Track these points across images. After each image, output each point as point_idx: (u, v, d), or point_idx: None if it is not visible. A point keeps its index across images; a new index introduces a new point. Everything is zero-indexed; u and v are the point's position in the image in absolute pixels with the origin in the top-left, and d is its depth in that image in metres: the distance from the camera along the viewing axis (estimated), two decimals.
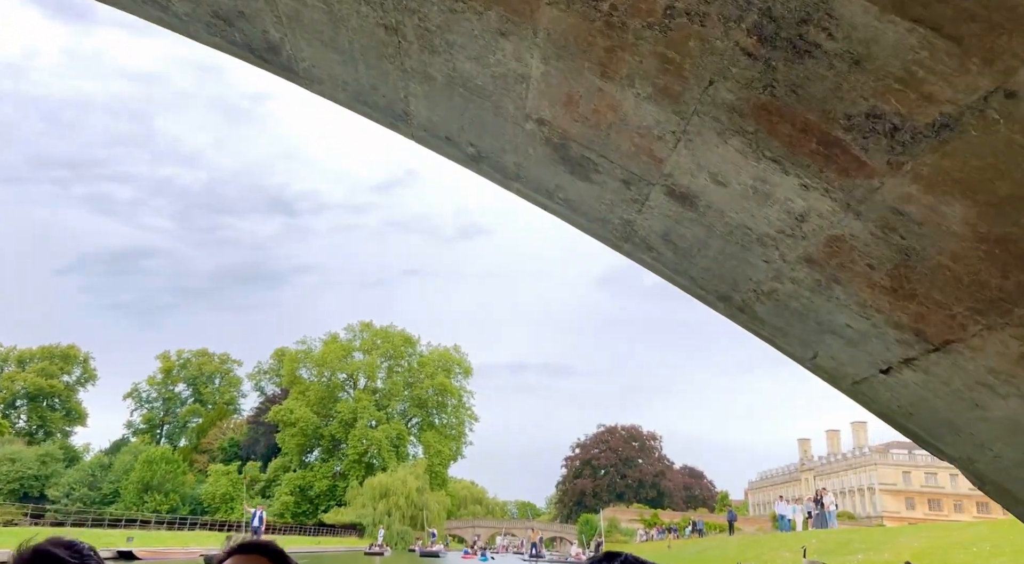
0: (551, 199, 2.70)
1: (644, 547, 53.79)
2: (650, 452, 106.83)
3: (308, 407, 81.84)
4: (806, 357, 2.61)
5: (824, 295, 2.20)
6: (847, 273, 2.05)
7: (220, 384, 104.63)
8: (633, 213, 2.44)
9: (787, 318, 2.46)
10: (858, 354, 2.36)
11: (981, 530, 15.81)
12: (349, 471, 79.14)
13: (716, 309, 2.75)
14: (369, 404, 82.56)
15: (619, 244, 2.73)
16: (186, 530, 41.64)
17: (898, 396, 2.42)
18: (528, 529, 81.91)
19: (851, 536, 21.74)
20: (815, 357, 2.57)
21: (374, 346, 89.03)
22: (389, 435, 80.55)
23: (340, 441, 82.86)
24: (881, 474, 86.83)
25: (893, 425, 2.65)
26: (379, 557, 44.49)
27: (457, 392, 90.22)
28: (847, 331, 2.29)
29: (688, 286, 2.73)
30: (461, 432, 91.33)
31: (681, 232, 2.38)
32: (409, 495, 68.89)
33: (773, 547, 24.12)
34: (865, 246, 1.91)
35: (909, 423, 2.55)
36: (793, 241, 2.07)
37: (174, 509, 70.36)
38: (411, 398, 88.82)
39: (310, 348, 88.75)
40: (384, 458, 78.46)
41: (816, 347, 2.51)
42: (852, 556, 16.84)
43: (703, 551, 32.24)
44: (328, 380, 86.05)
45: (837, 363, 2.51)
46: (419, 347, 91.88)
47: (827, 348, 2.46)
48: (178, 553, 28.69)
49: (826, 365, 2.57)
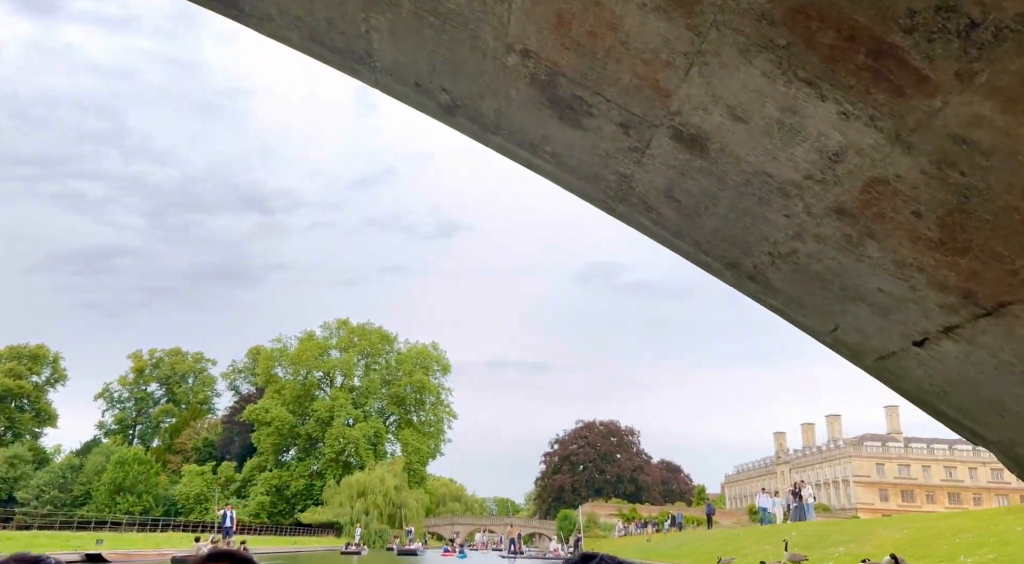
0: (536, 154, 2.37)
1: (623, 541, 53.85)
2: (628, 447, 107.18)
3: (284, 406, 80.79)
4: (825, 330, 2.32)
5: (854, 254, 1.91)
6: (886, 224, 1.75)
7: (194, 383, 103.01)
8: (631, 165, 2.12)
9: (806, 285, 2.16)
10: (888, 324, 2.07)
11: (961, 521, 15.82)
12: (326, 470, 78.29)
13: (722, 278, 2.44)
14: (346, 402, 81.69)
15: (613, 206, 2.41)
16: (158, 532, 40.79)
17: (932, 372, 2.13)
18: (507, 526, 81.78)
19: (830, 528, 21.74)
20: (835, 330, 2.28)
21: (351, 344, 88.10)
22: (366, 433, 79.77)
23: (317, 440, 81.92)
24: (855, 466, 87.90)
25: (921, 406, 2.37)
26: (356, 556, 43.93)
27: (435, 389, 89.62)
28: (877, 297, 2.00)
29: (691, 252, 2.43)
30: (439, 429, 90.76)
31: (687, 186, 2.07)
32: (387, 493, 68.29)
33: (753, 540, 24.09)
34: (913, 189, 1.62)
35: (941, 404, 2.27)
36: (823, 188, 1.77)
37: (147, 510, 69.10)
38: (389, 396, 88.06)
39: (285, 346, 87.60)
40: (362, 456, 77.70)
41: (838, 318, 2.21)
42: (833, 549, 16.77)
43: (683, 545, 32.21)
44: (304, 378, 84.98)
45: (861, 336, 2.22)
46: (397, 344, 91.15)
47: (851, 319, 2.17)
48: (149, 555, 27.98)
49: (848, 339, 2.28)
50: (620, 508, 78.25)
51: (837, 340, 2.32)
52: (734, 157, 1.86)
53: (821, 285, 2.12)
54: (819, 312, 2.26)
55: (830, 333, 2.31)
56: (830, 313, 2.22)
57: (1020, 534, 11.48)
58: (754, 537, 25.42)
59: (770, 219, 2.00)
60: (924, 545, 13.43)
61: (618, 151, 2.09)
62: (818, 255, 2.00)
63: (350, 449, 78.98)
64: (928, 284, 1.84)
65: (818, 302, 2.21)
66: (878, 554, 13.42)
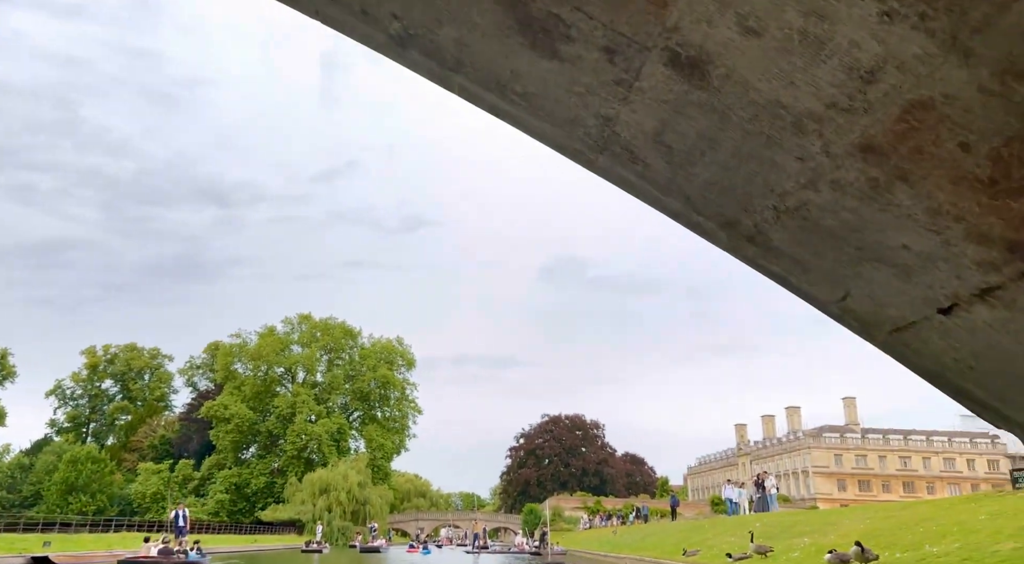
0: (504, 96, 2.05)
1: (589, 534, 54.00)
2: (593, 440, 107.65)
3: (243, 402, 79.14)
4: (832, 299, 2.04)
5: (878, 203, 1.63)
6: (923, 163, 1.47)
7: (150, 380, 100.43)
8: (616, 104, 1.81)
9: (815, 245, 1.88)
10: (910, 289, 1.80)
11: (924, 510, 15.98)
12: (287, 467, 76.95)
13: (715, 241, 2.15)
14: (308, 398, 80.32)
15: (592, 158, 2.10)
16: (111, 532, 39.51)
17: (958, 344, 1.87)
18: (472, 521, 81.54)
19: (794, 519, 21.89)
20: (844, 298, 2.01)
21: (313, 339, 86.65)
22: (329, 430, 78.58)
23: (278, 437, 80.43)
24: (814, 457, 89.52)
25: (939, 383, 2.11)
26: (317, 555, 43.21)
27: (400, 384, 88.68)
28: (901, 256, 1.72)
29: (681, 211, 2.13)
30: (404, 425, 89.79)
31: (681, 127, 1.77)
32: (350, 490, 67.37)
33: (718, 532, 24.17)
34: (965, 113, 1.33)
35: (964, 381, 2.01)
36: (849, 119, 1.48)
37: (101, 510, 67.13)
38: (352, 391, 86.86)
39: (245, 341, 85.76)
40: (324, 453, 76.55)
41: (849, 284, 1.94)
42: (798, 539, 16.82)
43: (648, 537, 32.30)
44: (265, 374, 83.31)
45: (876, 305, 1.95)
46: (361, 339, 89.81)
47: (865, 284, 1.90)
48: (100, 556, 27.01)
49: (859, 308, 2.01)
50: (585, 501, 78.56)
51: (846, 310, 2.05)
52: (741, 85, 1.56)
53: (833, 244, 1.83)
54: (828, 277, 1.98)
55: (838, 302, 2.03)
56: (841, 278, 1.95)
57: (984, 522, 11.56)
58: (719, 528, 25.54)
59: (779, 164, 1.71)
60: (888, 535, 13.48)
61: (601, 86, 1.78)
62: (833, 207, 1.72)
63: (312, 446, 77.79)
64: (966, 236, 1.56)
65: (827, 266, 1.94)
66: (843, 544, 13.44)
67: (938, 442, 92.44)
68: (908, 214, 1.60)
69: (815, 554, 14.27)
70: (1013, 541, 9.52)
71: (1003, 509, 12.31)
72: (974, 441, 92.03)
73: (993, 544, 9.74)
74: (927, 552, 10.76)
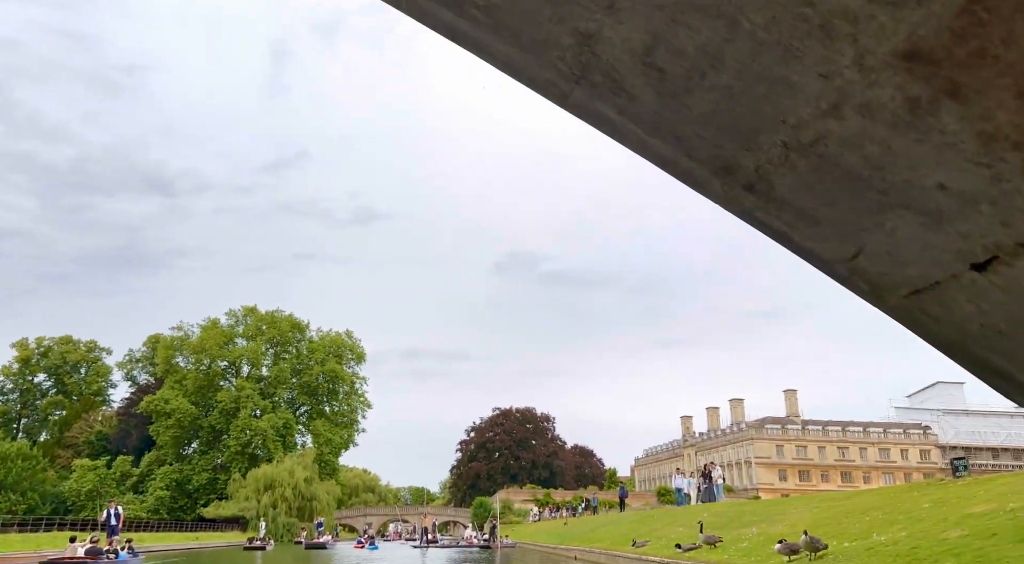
0: (462, 11, 1.71)
1: (538, 526, 54.10)
2: (544, 433, 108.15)
3: (185, 397, 76.92)
4: (841, 257, 1.77)
5: (916, 130, 1.35)
6: (985, 70, 1.20)
7: (87, 374, 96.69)
8: (599, 13, 1.50)
9: (829, 190, 1.60)
10: (940, 240, 1.54)
11: (868, 499, 16.27)
12: (231, 463, 75.07)
13: (707, 192, 1.86)
14: (253, 393, 78.47)
15: (567, 90, 1.78)
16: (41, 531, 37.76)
17: (989, 306, 1.61)
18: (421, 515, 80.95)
19: (741, 509, 22.16)
20: (856, 256, 1.74)
21: (259, 332, 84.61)
22: (275, 424, 76.94)
23: (221, 432, 78.41)
24: (757, 448, 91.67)
25: (956, 353, 1.87)
26: (260, 552, 42.15)
27: (349, 378, 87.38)
28: (935, 199, 1.45)
29: (669, 155, 1.82)
30: (353, 419, 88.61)
31: (678, 40, 1.47)
32: (296, 486, 66.09)
33: (666, 522, 24.32)
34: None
35: (990, 350, 1.77)
36: (894, 15, 1.19)
37: (32, 509, 64.40)
38: (299, 386, 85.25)
39: (187, 335, 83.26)
40: (270, 448, 74.90)
41: (865, 238, 1.67)
42: (746, 529, 16.95)
43: (599, 528, 32.40)
44: (208, 368, 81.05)
45: (893, 262, 1.68)
46: (309, 333, 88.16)
47: (884, 237, 1.63)
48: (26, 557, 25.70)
49: (872, 267, 1.74)
50: (535, 493, 78.85)
51: (856, 270, 1.78)
52: None
53: (852, 188, 1.56)
54: (839, 231, 1.70)
55: (848, 261, 1.77)
56: (855, 231, 1.67)
57: (928, 511, 11.75)
58: (667, 519, 25.72)
59: (795, 85, 1.42)
60: (835, 524, 13.64)
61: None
62: (858, 139, 1.44)
63: (257, 441, 76.10)
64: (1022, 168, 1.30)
65: (840, 216, 1.66)
66: (791, 533, 13.53)
67: (874, 433, 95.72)
68: (952, 143, 1.33)
69: (763, 544, 14.37)
70: (959, 529, 9.65)
71: (946, 497, 12.55)
72: (908, 432, 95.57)
73: (940, 532, 9.87)
74: (875, 541, 10.86)
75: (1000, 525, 9.00)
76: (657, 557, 18.29)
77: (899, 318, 1.83)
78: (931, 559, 8.69)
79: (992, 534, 8.68)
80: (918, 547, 9.46)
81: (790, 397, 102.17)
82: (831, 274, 1.85)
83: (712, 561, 14.77)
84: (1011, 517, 9.20)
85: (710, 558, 15.18)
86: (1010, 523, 8.92)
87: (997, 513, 9.72)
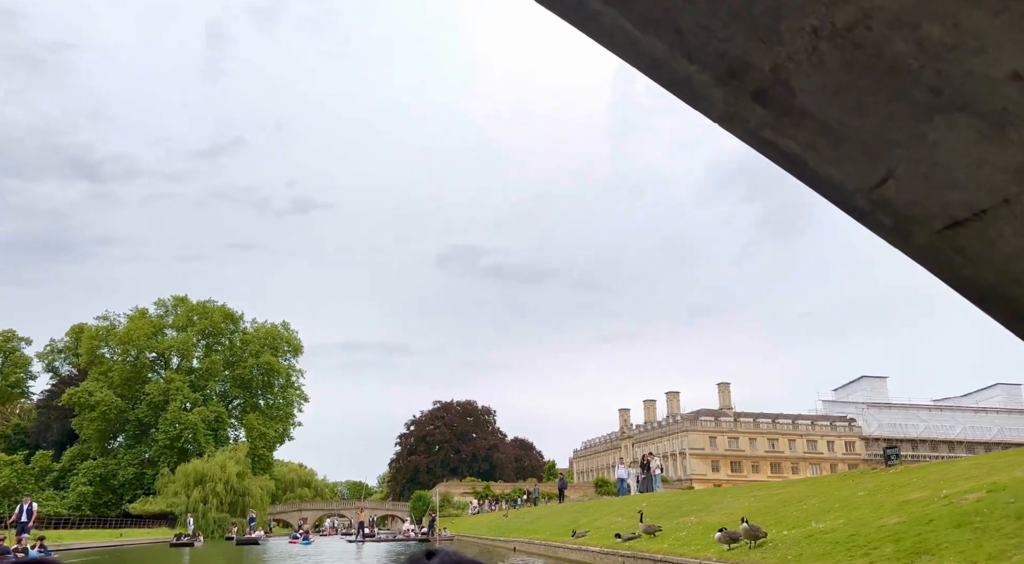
0: None
1: (478, 519, 53.92)
2: (484, 426, 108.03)
3: (111, 389, 73.63)
4: (864, 185, 1.49)
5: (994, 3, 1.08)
6: None
7: (3, 364, 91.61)
8: None
9: (864, 91, 1.32)
10: (998, 153, 1.27)
11: (803, 488, 16.56)
12: (159, 457, 72.33)
13: (705, 106, 1.55)
14: (183, 385, 75.72)
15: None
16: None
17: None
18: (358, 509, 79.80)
19: (680, 498, 22.36)
20: (884, 182, 1.46)
21: (190, 322, 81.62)
22: (206, 418, 74.45)
23: (149, 425, 75.46)
24: (691, 439, 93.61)
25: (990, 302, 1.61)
26: (188, 548, 40.66)
27: (285, 371, 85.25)
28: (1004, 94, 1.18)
29: (663, 56, 1.51)
30: (289, 413, 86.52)
31: None
32: (228, 481, 64.10)
33: (606, 512, 24.39)
34: None
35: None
36: None
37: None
38: (232, 378, 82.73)
39: (114, 325, 79.68)
40: (200, 442, 72.44)
41: (899, 157, 1.39)
42: (685, 518, 17.04)
43: (538, 519, 32.37)
44: (135, 359, 77.75)
45: (931, 185, 1.41)
46: (243, 324, 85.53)
47: (924, 154, 1.35)
48: None
49: (902, 196, 1.47)
50: (474, 486, 78.70)
51: (880, 202, 1.50)
52: None
53: (894, 88, 1.28)
54: (869, 148, 1.42)
55: (872, 190, 1.49)
56: (887, 150, 1.39)
57: (864, 499, 11.95)
58: (606, 509, 25.81)
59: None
60: (773, 513, 13.77)
61: None
62: (914, 14, 1.16)
63: (187, 435, 73.51)
64: None
65: (873, 128, 1.38)
66: (729, 522, 13.60)
67: (803, 425, 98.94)
68: None
69: (703, 532, 14.43)
70: (896, 516, 9.79)
71: (881, 485, 12.81)
72: (834, 424, 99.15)
73: (877, 519, 10.00)
74: (814, 528, 10.96)
75: (936, 511, 9.16)
76: (597, 547, 18.25)
77: (924, 260, 1.57)
78: (870, 545, 8.77)
79: (929, 520, 8.81)
80: (857, 534, 9.55)
81: (723, 390, 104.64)
82: (849, 208, 1.57)
83: (652, 550, 14.75)
84: (946, 503, 9.39)
85: (650, 547, 15.16)
86: (946, 509, 9.08)
87: (932, 500, 9.92)
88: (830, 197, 1.58)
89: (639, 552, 15.35)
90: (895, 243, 1.57)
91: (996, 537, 7.27)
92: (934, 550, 7.67)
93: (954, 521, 8.38)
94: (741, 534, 12.03)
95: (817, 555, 9.49)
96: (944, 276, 1.57)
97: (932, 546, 7.78)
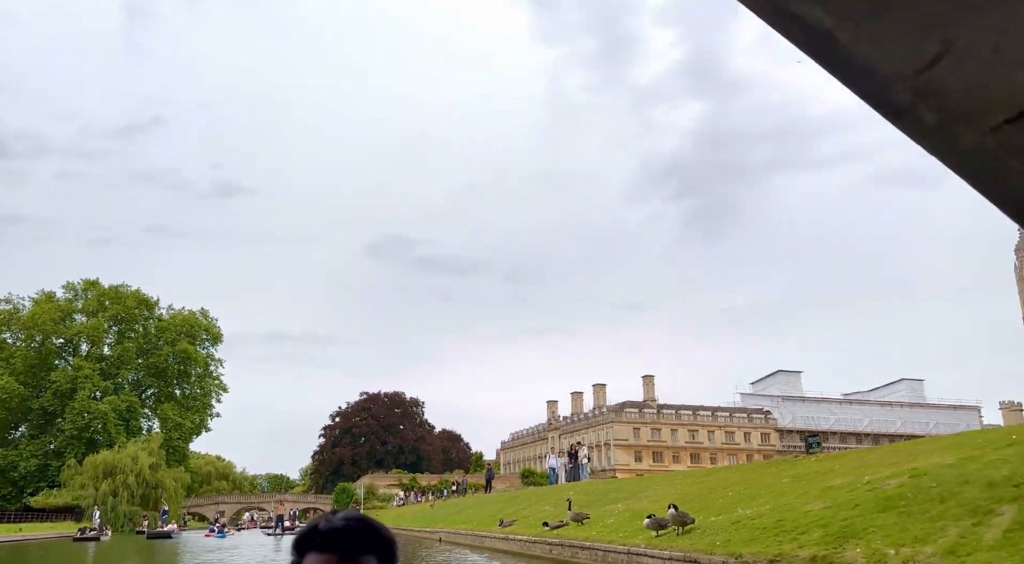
0: None
1: (404, 510, 53.28)
2: (412, 418, 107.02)
3: (13, 376, 69.26)
4: (908, 69, 1.21)
5: None
6: None
7: None
8: None
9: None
10: None
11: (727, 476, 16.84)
12: (66, 448, 68.45)
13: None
14: (93, 373, 71.85)
15: None
16: None
17: None
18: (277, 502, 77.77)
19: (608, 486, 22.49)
20: (935, 63, 1.19)
21: (101, 307, 77.45)
22: (117, 407, 70.90)
23: (55, 415, 71.40)
24: (616, 431, 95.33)
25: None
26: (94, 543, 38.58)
27: (203, 360, 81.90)
28: None
29: None
30: (207, 403, 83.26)
31: None
32: (140, 473, 61.24)
33: (533, 501, 24.34)
34: None
35: None
36: None
37: None
38: (146, 366, 79.00)
39: (17, 308, 74.88)
40: (111, 433, 68.93)
41: (960, 25, 1.12)
42: (612, 506, 17.08)
43: (465, 509, 32.11)
44: (40, 345, 73.38)
45: (994, 64, 1.15)
46: (158, 310, 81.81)
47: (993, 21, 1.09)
48: None
49: (956, 82, 1.20)
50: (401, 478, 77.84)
51: (925, 90, 1.23)
52: None
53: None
54: (921, 20, 1.14)
55: (918, 74, 1.22)
56: (945, 18, 1.12)
57: (789, 485, 12.16)
58: (534, 498, 25.77)
59: None
60: (700, 499, 13.89)
61: None
62: None
63: (96, 425, 69.86)
64: None
65: None
66: (657, 509, 13.64)
67: (721, 417, 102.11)
68: None
69: (630, 519, 14.45)
70: (821, 501, 9.95)
71: (804, 473, 13.08)
72: (751, 416, 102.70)
73: (803, 505, 10.14)
74: (741, 514, 11.05)
75: (860, 497, 9.33)
76: (524, 535, 18.12)
77: (968, 168, 1.31)
78: (798, 530, 8.86)
79: (854, 505, 8.96)
80: (784, 519, 9.65)
81: (647, 383, 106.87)
82: (883, 102, 1.30)
83: (580, 538, 14.69)
84: (869, 489, 9.58)
85: (578, 535, 15.11)
86: (869, 494, 9.26)
87: (855, 486, 10.12)
88: (860, 88, 1.30)
89: (567, 540, 15.27)
90: (935, 148, 1.31)
91: (921, 520, 7.40)
92: (861, 534, 7.77)
93: (879, 506, 8.53)
94: (669, 520, 12.05)
95: (745, 540, 9.54)
96: (989, 188, 1.33)
97: (859, 530, 7.89)
